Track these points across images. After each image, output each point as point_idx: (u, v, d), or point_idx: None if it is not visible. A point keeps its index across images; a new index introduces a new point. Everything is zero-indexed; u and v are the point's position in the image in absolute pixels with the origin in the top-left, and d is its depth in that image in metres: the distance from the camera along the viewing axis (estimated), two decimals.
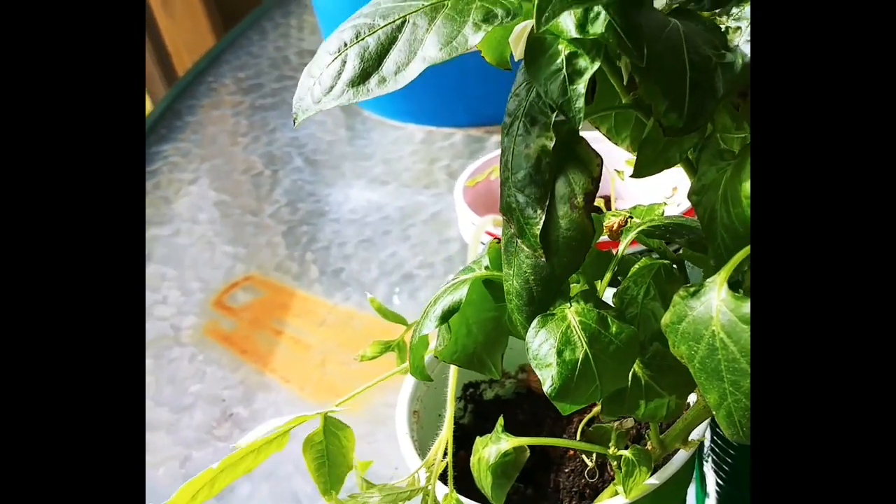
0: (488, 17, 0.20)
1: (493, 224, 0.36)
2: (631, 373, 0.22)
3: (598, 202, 0.33)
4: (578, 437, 0.36)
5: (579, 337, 0.21)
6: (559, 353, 0.21)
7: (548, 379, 0.21)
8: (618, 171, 0.44)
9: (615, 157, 0.38)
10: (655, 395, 0.23)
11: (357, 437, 0.53)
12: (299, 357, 0.59)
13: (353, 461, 0.29)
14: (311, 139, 0.82)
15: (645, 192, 0.43)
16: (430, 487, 0.27)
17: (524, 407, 0.40)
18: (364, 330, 0.62)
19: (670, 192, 0.41)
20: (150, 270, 0.68)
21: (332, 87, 0.20)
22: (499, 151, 0.52)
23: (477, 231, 0.35)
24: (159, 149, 0.84)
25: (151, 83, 1.32)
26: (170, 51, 1.30)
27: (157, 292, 0.65)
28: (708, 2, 0.22)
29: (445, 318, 0.24)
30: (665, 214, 0.27)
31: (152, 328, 0.62)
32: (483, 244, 0.36)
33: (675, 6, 0.24)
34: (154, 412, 0.55)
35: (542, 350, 0.21)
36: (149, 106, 1.39)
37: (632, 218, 0.27)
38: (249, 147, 0.82)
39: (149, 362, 0.59)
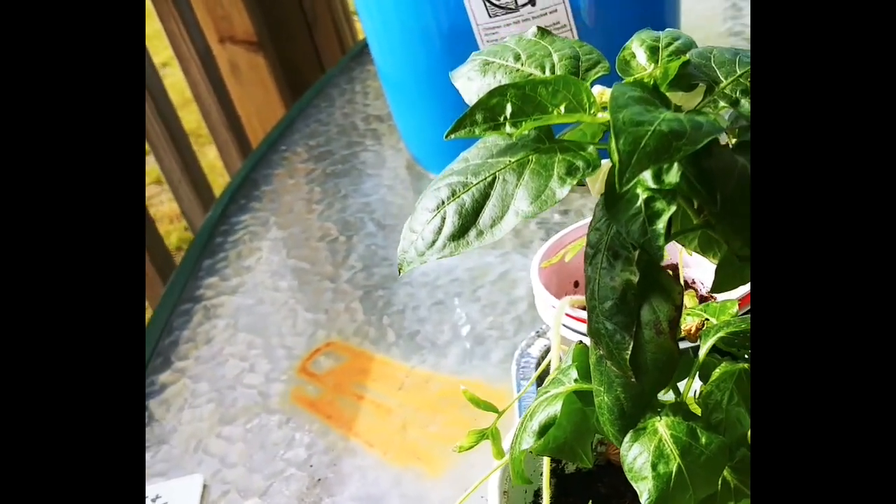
0: (571, 171, 0.23)
1: (569, 305, 0.39)
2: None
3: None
4: None
5: (671, 450, 0.23)
6: (653, 466, 0.23)
7: (645, 491, 0.23)
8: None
9: None
10: (743, 497, 0.24)
11: (440, 500, 0.55)
12: (381, 421, 0.62)
13: None
14: (382, 204, 0.86)
15: (709, 265, 0.45)
16: None
17: (605, 480, 0.42)
18: (441, 392, 0.64)
19: None
20: (238, 339, 0.72)
21: (433, 242, 0.23)
22: (567, 231, 0.54)
23: (557, 314, 0.37)
24: (239, 219, 0.89)
25: (226, 151, 1.40)
26: (241, 117, 1.38)
27: (245, 360, 0.70)
28: None
29: (542, 432, 0.26)
30: (738, 313, 0.29)
31: (242, 396, 0.66)
32: (565, 326, 0.38)
33: (741, 125, 0.26)
34: (248, 479, 0.59)
35: (637, 463, 0.23)
36: (226, 176, 1.46)
37: (707, 319, 0.29)
38: (324, 214, 0.86)
39: (239, 429, 0.63)
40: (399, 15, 0.79)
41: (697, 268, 0.51)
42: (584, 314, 0.41)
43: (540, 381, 0.50)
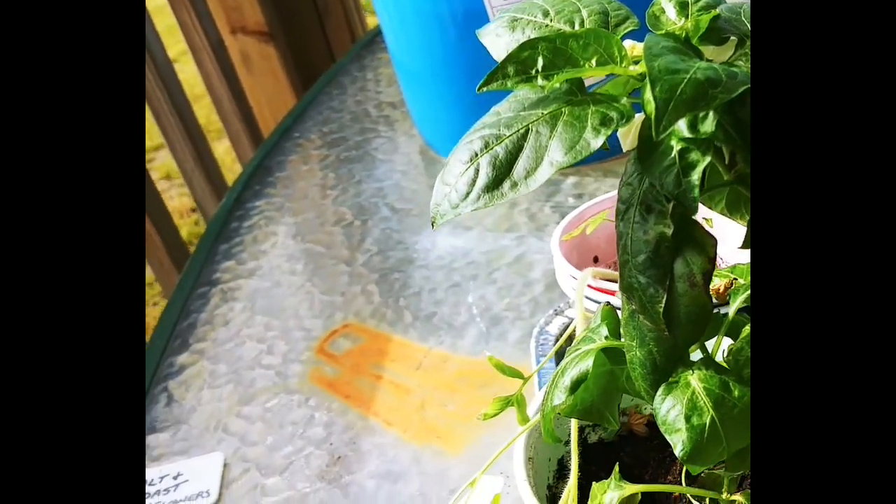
0: (605, 121, 0.23)
1: (591, 277, 0.39)
2: None
3: None
4: (683, 479, 0.38)
5: (704, 402, 0.23)
6: (687, 418, 0.23)
7: (678, 443, 0.23)
8: (706, 220, 0.46)
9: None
10: None
11: (459, 476, 0.56)
12: (399, 401, 0.62)
13: None
14: (396, 188, 0.86)
15: (736, 235, 0.45)
16: None
17: (627, 450, 0.42)
18: (458, 372, 0.65)
19: None
20: (256, 321, 0.72)
21: (468, 194, 0.23)
22: (588, 204, 0.54)
23: (580, 286, 0.37)
24: (254, 204, 0.90)
25: (237, 141, 1.40)
26: (252, 107, 1.38)
27: (263, 342, 0.70)
28: None
29: (574, 388, 0.26)
30: None
31: (260, 377, 0.67)
32: (587, 298, 0.38)
33: None
34: (268, 457, 0.59)
35: (671, 416, 0.23)
36: (237, 165, 1.47)
37: (736, 279, 0.29)
38: (338, 199, 0.87)
39: (258, 409, 0.64)
40: (413, 0, 0.79)
41: (719, 244, 0.51)
42: (606, 285, 0.41)
43: (559, 356, 0.50)
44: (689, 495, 0.36)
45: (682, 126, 0.22)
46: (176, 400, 0.66)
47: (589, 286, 0.40)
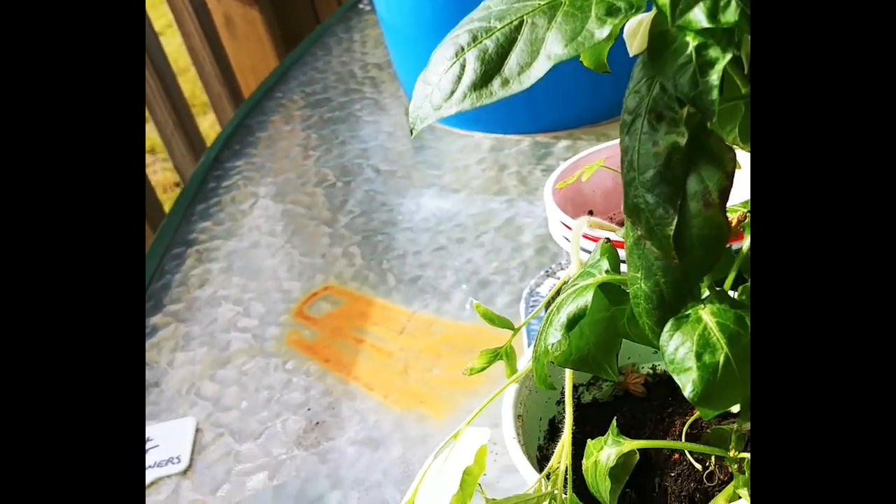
0: (611, 11, 0.20)
1: (588, 226, 0.36)
2: None
3: None
4: (684, 438, 0.35)
5: (718, 339, 0.20)
6: (698, 356, 0.20)
7: (688, 384, 0.20)
8: None
9: None
10: None
11: (443, 442, 0.53)
12: (382, 365, 0.60)
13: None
14: (381, 150, 0.83)
15: (747, 186, 0.42)
16: (556, 493, 0.27)
17: (623, 410, 0.39)
18: (443, 336, 0.62)
19: None
20: (232, 283, 0.69)
21: (452, 92, 0.20)
22: (584, 153, 0.51)
23: (575, 233, 0.34)
24: (233, 164, 0.86)
25: (219, 104, 1.36)
26: (235, 71, 1.34)
27: (240, 304, 0.67)
28: None
29: (572, 325, 0.23)
30: None
31: (236, 339, 0.63)
32: (583, 250, 0.35)
33: None
34: (242, 422, 0.56)
35: (679, 354, 0.21)
36: (217, 125, 1.42)
37: (749, 212, 0.26)
38: (321, 160, 0.83)
39: (234, 373, 0.61)
40: None
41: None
42: (602, 234, 0.38)
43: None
44: (689, 456, 0.34)
45: (699, 15, 0.19)
46: (147, 362, 0.63)
47: (585, 237, 0.37)
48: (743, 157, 0.32)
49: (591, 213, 0.47)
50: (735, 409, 0.25)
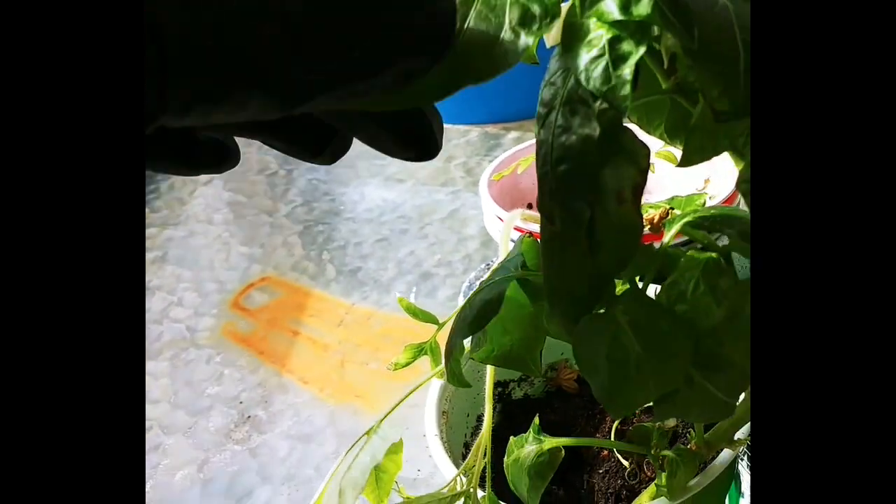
0: (525, 20, 0.19)
1: (521, 219, 0.35)
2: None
3: None
4: (613, 436, 0.35)
5: (630, 337, 0.20)
6: (609, 356, 0.20)
7: (598, 383, 0.20)
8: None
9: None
10: (708, 395, 0.21)
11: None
12: (318, 358, 0.58)
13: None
14: None
15: (675, 185, 0.42)
16: (472, 490, 0.26)
17: (555, 406, 0.39)
18: (383, 329, 0.61)
19: (702, 183, 0.40)
20: (166, 272, 0.67)
21: None
22: (524, 145, 0.51)
23: (506, 226, 0.34)
24: None
25: None
26: None
27: (174, 294, 0.65)
28: None
29: (481, 317, 0.23)
30: (706, 205, 0.26)
31: (168, 330, 0.61)
32: (513, 240, 0.35)
33: None
34: (171, 415, 0.55)
35: (590, 353, 0.20)
36: None
37: (672, 209, 0.26)
38: (263, 147, 0.81)
39: (165, 364, 0.59)
40: None
41: (661, 193, 0.48)
42: (537, 227, 0.38)
43: None
44: (616, 452, 0.33)
45: (611, 7, 0.19)
46: None
47: (517, 229, 0.37)
48: (659, 162, 0.32)
49: (529, 206, 0.47)
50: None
